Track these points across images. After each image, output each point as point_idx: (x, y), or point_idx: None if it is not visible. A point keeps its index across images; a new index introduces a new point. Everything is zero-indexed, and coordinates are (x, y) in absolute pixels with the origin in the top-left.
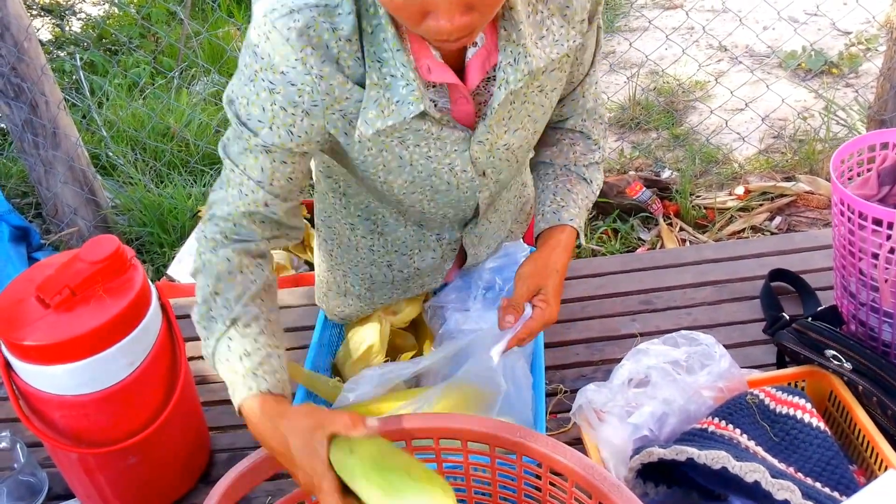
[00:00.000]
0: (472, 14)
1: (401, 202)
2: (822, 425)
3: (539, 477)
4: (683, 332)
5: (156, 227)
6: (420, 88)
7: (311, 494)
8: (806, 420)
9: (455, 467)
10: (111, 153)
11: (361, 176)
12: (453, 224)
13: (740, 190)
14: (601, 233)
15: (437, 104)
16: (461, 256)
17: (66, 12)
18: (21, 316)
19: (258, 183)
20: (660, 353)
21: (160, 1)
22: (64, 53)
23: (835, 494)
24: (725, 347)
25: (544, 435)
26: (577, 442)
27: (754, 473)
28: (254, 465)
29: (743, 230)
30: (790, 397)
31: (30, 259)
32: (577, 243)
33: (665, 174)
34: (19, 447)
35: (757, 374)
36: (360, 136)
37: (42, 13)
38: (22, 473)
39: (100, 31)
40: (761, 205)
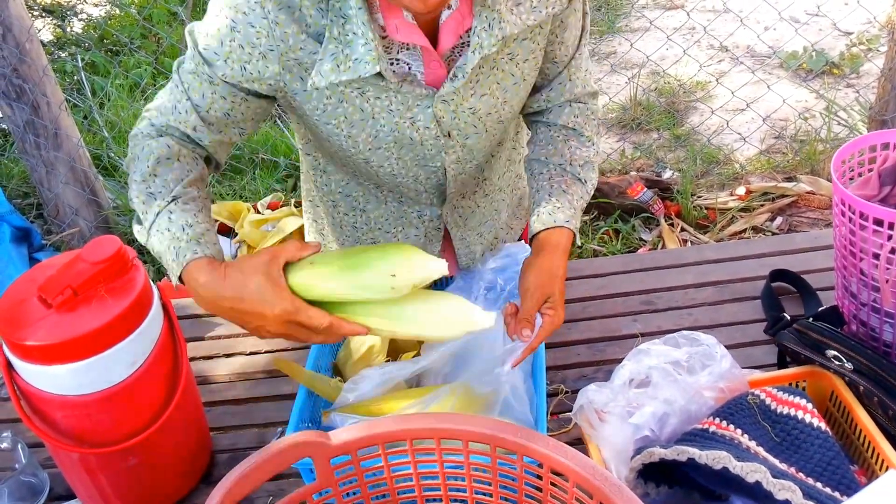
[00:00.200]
0: None
1: (369, 162)
2: (823, 425)
3: (540, 477)
4: (684, 333)
5: None
6: (378, 49)
7: (273, 332)
8: (807, 420)
9: (456, 467)
10: (112, 154)
11: (326, 133)
12: (430, 196)
13: (741, 190)
14: (602, 233)
15: (411, 67)
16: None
17: (68, 13)
18: (23, 316)
19: (195, 106)
20: (661, 354)
21: (161, 2)
22: (65, 54)
23: (836, 494)
24: (726, 348)
25: (545, 435)
26: (579, 442)
27: (755, 473)
28: (255, 466)
29: (744, 230)
30: (791, 397)
31: (31, 260)
32: (576, 244)
33: (666, 175)
34: (21, 447)
35: (758, 375)
36: (313, 86)
37: (43, 14)
38: (23, 474)
39: (101, 32)
40: (762, 205)
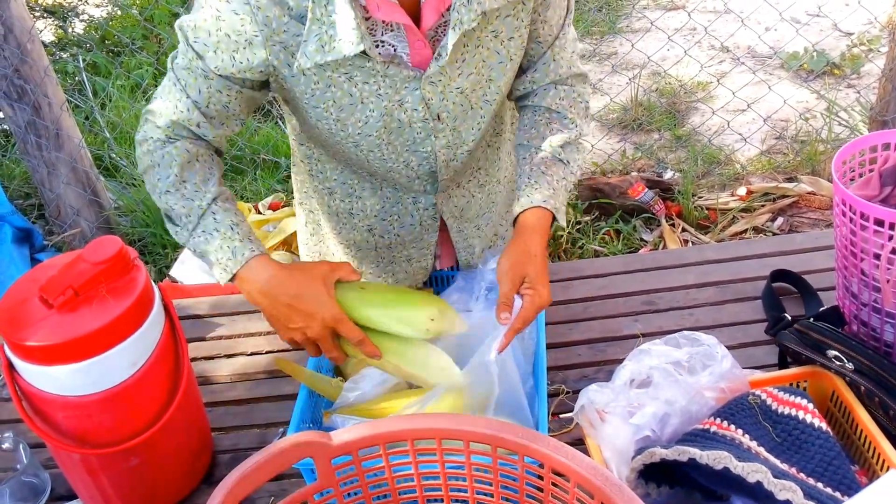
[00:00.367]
0: None
1: (358, 146)
2: (824, 426)
3: (541, 477)
4: (685, 333)
5: (158, 229)
6: (360, 29)
7: (311, 334)
8: (808, 420)
9: (457, 468)
10: (114, 154)
11: (315, 118)
12: (423, 183)
13: (742, 191)
14: (603, 234)
15: (396, 49)
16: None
17: (69, 14)
18: (24, 316)
19: (194, 103)
20: (662, 354)
21: (163, 2)
22: (67, 55)
23: (836, 494)
24: (728, 348)
25: (546, 435)
26: (579, 442)
27: (756, 474)
28: (257, 466)
29: (745, 231)
30: (792, 398)
31: (33, 260)
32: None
33: (667, 175)
34: (22, 448)
35: (759, 375)
36: (299, 68)
37: (45, 15)
38: (25, 474)
39: (103, 33)
40: (763, 205)
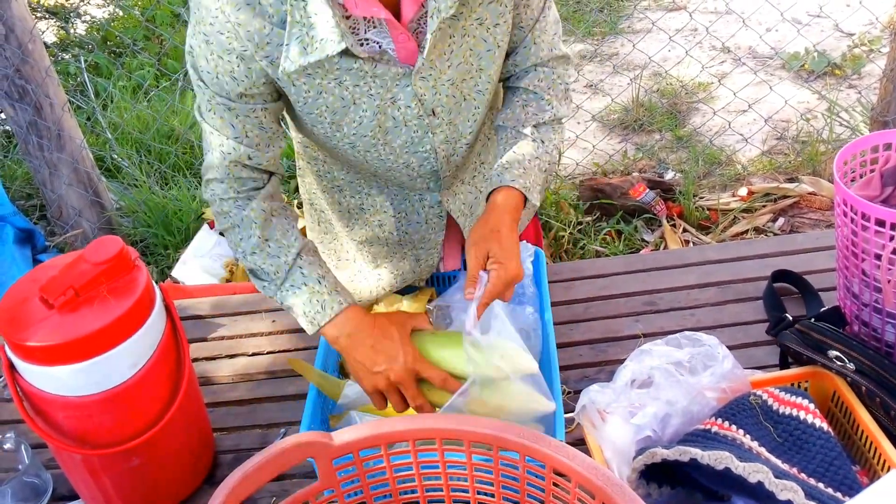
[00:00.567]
0: None
1: (355, 147)
2: (825, 426)
3: (542, 478)
4: (687, 333)
5: (160, 229)
6: (340, 27)
7: (391, 377)
8: (809, 421)
9: (458, 468)
10: (116, 155)
11: (311, 123)
12: (426, 181)
13: (743, 191)
14: (605, 234)
15: (381, 45)
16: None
17: (71, 15)
18: (25, 317)
19: (235, 139)
20: (663, 354)
21: (164, 3)
22: (69, 56)
23: (837, 495)
24: (729, 348)
25: (547, 436)
26: (581, 442)
27: (757, 474)
28: (258, 466)
29: (746, 231)
30: (793, 398)
31: (35, 261)
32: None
33: (668, 175)
34: (24, 448)
35: (760, 375)
36: (284, 73)
37: (47, 16)
38: (26, 474)
39: (104, 34)
40: (764, 206)
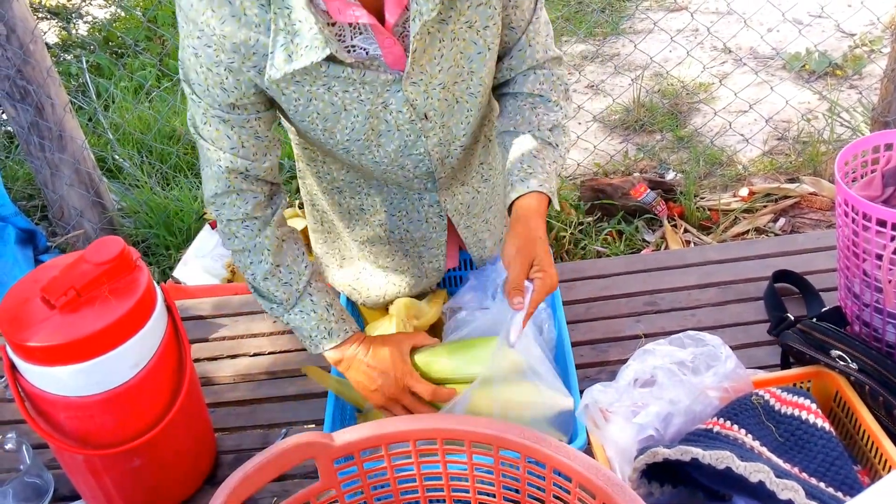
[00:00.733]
0: None
1: (349, 152)
2: (827, 426)
3: (543, 478)
4: (690, 333)
5: (162, 230)
6: (324, 33)
7: (386, 392)
8: (811, 420)
9: (459, 468)
10: (117, 156)
11: (304, 130)
12: (423, 182)
13: (744, 191)
14: (606, 234)
15: (368, 51)
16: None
17: (73, 15)
18: (26, 317)
19: (232, 151)
20: (666, 354)
21: (166, 3)
22: (70, 56)
23: (839, 494)
24: (730, 348)
25: (548, 436)
26: None
27: (758, 473)
28: (259, 467)
29: (747, 231)
30: (795, 398)
31: (36, 262)
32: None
33: (669, 176)
34: (25, 448)
35: (762, 375)
36: (269, 80)
37: (49, 16)
38: (28, 475)
39: (106, 34)
40: (765, 206)
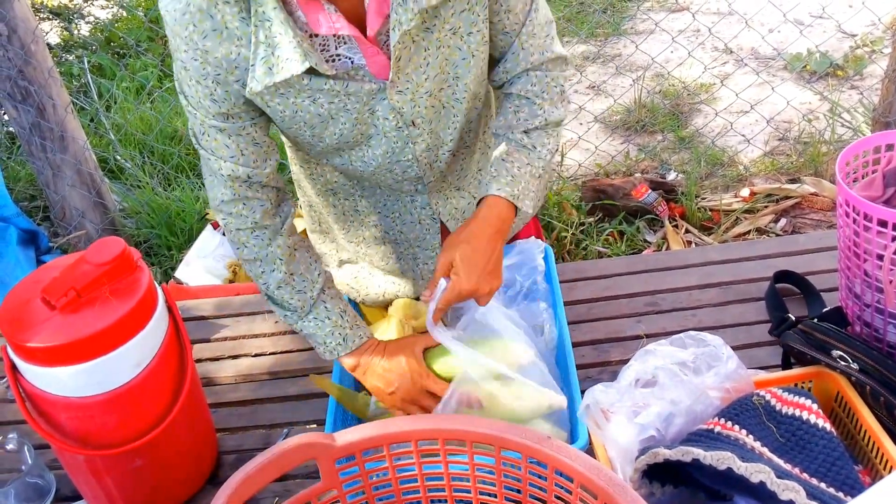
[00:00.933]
0: None
1: (340, 155)
2: (828, 426)
3: (545, 478)
4: (691, 333)
5: (164, 230)
6: (303, 46)
7: (401, 394)
8: (812, 421)
9: (460, 468)
10: (119, 156)
11: (293, 136)
12: (413, 185)
13: (745, 192)
14: (607, 235)
15: (353, 61)
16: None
17: (74, 16)
18: (27, 318)
19: (232, 159)
20: (667, 354)
21: None
22: (72, 57)
23: (840, 495)
24: (731, 349)
25: (549, 436)
26: None
27: (759, 474)
28: (261, 467)
29: (748, 232)
30: (796, 398)
31: (38, 262)
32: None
33: (670, 176)
34: (27, 449)
35: (764, 375)
36: (251, 93)
37: (50, 17)
38: (29, 475)
39: (108, 35)
40: (766, 207)
